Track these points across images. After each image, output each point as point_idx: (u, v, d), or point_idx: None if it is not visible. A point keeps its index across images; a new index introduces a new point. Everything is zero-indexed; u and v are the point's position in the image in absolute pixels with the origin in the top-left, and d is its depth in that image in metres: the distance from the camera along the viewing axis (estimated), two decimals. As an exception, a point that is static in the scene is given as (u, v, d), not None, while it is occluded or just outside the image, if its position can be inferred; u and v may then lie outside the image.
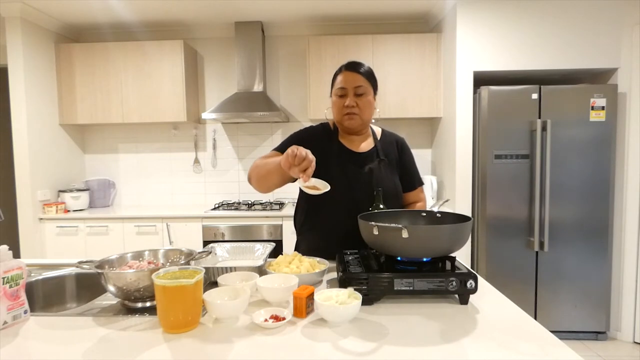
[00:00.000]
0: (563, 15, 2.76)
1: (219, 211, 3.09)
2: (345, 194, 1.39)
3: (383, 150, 1.49)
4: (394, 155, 1.51)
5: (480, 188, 2.79)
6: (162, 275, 0.91)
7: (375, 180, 1.41)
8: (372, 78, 1.43)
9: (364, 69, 1.41)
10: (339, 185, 1.34)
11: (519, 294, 2.75)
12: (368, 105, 1.41)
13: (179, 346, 0.81)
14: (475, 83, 2.86)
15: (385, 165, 1.46)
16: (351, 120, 1.41)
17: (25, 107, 2.98)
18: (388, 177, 1.45)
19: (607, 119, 2.66)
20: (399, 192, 1.48)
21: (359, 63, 1.42)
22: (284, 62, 3.55)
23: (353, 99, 1.38)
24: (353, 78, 1.39)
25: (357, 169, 1.43)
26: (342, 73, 1.41)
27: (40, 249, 3.05)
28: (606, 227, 2.71)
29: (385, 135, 1.57)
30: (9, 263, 0.93)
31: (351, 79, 1.39)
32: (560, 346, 0.79)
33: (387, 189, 1.42)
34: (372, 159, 1.46)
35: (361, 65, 1.42)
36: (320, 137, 1.49)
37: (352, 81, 1.39)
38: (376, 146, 1.50)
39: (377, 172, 1.44)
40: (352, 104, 1.38)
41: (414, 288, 1.01)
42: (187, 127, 3.61)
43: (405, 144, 1.58)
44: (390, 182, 1.45)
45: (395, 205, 1.44)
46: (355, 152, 1.48)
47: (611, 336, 2.83)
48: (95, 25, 3.44)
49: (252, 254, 1.42)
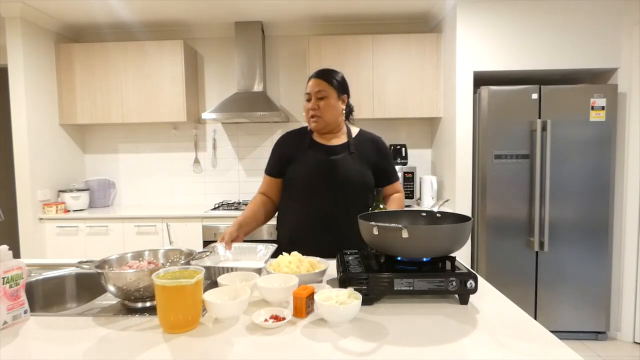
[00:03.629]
0: (563, 15, 2.76)
1: (219, 211, 3.09)
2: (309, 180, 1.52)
3: (355, 146, 1.58)
4: (368, 152, 1.59)
5: (480, 188, 2.79)
6: (162, 275, 0.91)
7: (340, 168, 1.51)
8: (336, 82, 1.55)
9: (326, 75, 1.54)
10: (304, 171, 1.53)
11: (519, 294, 2.75)
12: (328, 107, 1.53)
13: (179, 346, 0.81)
14: (475, 83, 2.86)
15: (354, 157, 1.55)
16: (315, 123, 1.55)
17: (25, 107, 2.98)
18: (356, 168, 1.54)
19: (607, 119, 2.66)
20: (367, 184, 1.55)
21: (324, 70, 1.56)
22: (284, 62, 3.55)
23: (315, 102, 1.53)
24: (315, 83, 1.53)
25: (324, 158, 1.54)
26: (309, 80, 1.56)
27: (40, 249, 3.05)
28: (606, 227, 2.71)
29: (361, 134, 1.65)
30: (9, 263, 0.93)
31: (314, 85, 1.53)
32: (560, 346, 0.79)
33: (353, 178, 1.52)
34: (341, 152, 1.56)
35: (325, 72, 1.56)
36: (294, 138, 1.64)
37: (314, 86, 1.53)
38: (348, 142, 1.59)
39: (343, 162, 1.53)
40: (313, 107, 1.53)
41: (414, 288, 1.01)
42: (187, 127, 3.61)
43: (381, 143, 1.65)
44: (356, 173, 1.53)
45: (362, 196, 1.53)
46: (325, 145, 1.59)
47: (611, 336, 2.83)
48: (95, 25, 3.44)
49: (255, 254, 1.42)
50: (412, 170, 3.16)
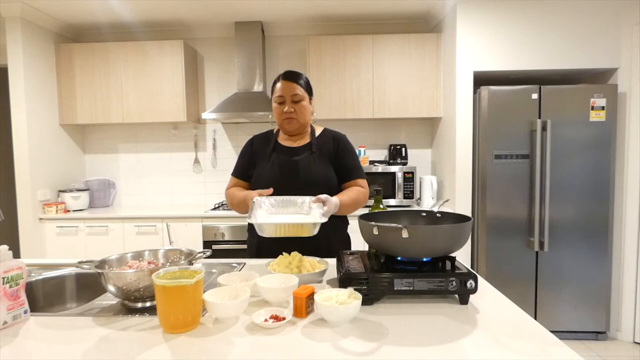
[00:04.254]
0: (563, 15, 2.76)
1: (219, 211, 3.09)
2: (273, 182, 1.49)
3: (317, 145, 1.60)
4: (328, 149, 1.60)
5: (480, 188, 2.79)
6: (162, 275, 0.91)
7: (302, 169, 1.54)
8: (307, 86, 1.59)
9: (299, 79, 1.57)
10: (268, 173, 1.55)
11: (519, 294, 2.75)
12: (304, 110, 1.56)
13: (179, 346, 0.81)
14: (475, 83, 2.86)
15: (316, 157, 1.57)
16: (290, 125, 1.57)
17: (25, 107, 2.98)
18: (317, 167, 1.55)
19: (607, 119, 2.66)
20: (330, 183, 1.56)
21: (294, 73, 1.58)
22: (284, 62, 3.55)
23: (291, 105, 1.54)
24: (290, 87, 1.54)
25: (286, 159, 1.57)
26: (280, 82, 1.56)
27: (40, 249, 3.05)
28: (606, 227, 2.71)
29: (323, 133, 1.67)
30: (9, 263, 0.93)
31: (288, 88, 1.54)
32: (560, 346, 0.79)
33: (316, 178, 1.53)
34: (303, 152, 1.58)
35: (296, 75, 1.57)
36: (259, 142, 1.67)
37: (289, 90, 1.54)
38: (311, 142, 1.61)
39: (305, 162, 1.55)
40: (290, 110, 1.54)
41: (414, 288, 1.01)
42: (187, 127, 3.61)
43: (343, 140, 1.65)
44: (319, 172, 1.55)
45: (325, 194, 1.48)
46: (289, 147, 1.61)
47: (611, 336, 2.82)
48: (95, 25, 3.44)
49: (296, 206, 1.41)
50: (412, 170, 3.16)
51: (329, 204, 1.37)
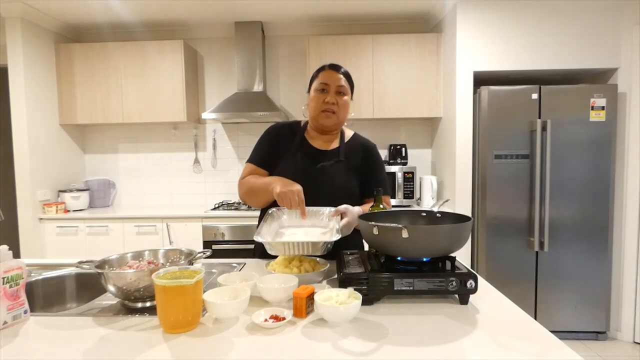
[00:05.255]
0: (563, 15, 2.76)
1: (219, 211, 3.09)
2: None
3: (346, 152, 1.48)
4: (356, 159, 1.49)
5: (480, 188, 2.79)
6: (162, 275, 0.91)
7: (326, 178, 1.41)
8: (351, 81, 1.47)
9: (346, 71, 1.45)
10: (289, 175, 1.38)
11: (519, 294, 2.75)
12: (346, 105, 1.44)
13: (179, 346, 0.81)
14: (475, 83, 2.86)
15: (342, 166, 1.45)
16: (328, 119, 1.43)
17: (25, 107, 2.98)
18: (342, 177, 1.44)
19: (607, 119, 2.66)
20: (353, 194, 1.45)
21: (340, 66, 1.46)
22: (284, 62, 3.55)
23: (334, 96, 1.41)
24: (336, 77, 1.42)
25: (311, 164, 1.43)
26: (325, 71, 1.44)
27: (40, 249, 3.05)
28: (606, 227, 2.71)
29: (353, 139, 1.55)
30: (9, 263, 0.93)
31: (335, 77, 1.41)
32: (560, 346, 0.79)
33: (338, 188, 1.42)
34: (330, 158, 1.46)
35: (342, 68, 1.46)
36: (284, 134, 1.52)
37: (336, 79, 1.41)
38: (339, 147, 1.49)
39: (330, 171, 1.42)
40: (332, 101, 1.40)
41: (414, 288, 1.01)
42: (187, 127, 3.61)
43: (373, 151, 1.55)
44: (342, 183, 1.43)
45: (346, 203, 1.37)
46: (316, 149, 1.48)
47: (611, 336, 2.82)
48: (95, 25, 3.44)
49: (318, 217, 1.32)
50: (412, 170, 3.16)
51: (350, 215, 1.28)
